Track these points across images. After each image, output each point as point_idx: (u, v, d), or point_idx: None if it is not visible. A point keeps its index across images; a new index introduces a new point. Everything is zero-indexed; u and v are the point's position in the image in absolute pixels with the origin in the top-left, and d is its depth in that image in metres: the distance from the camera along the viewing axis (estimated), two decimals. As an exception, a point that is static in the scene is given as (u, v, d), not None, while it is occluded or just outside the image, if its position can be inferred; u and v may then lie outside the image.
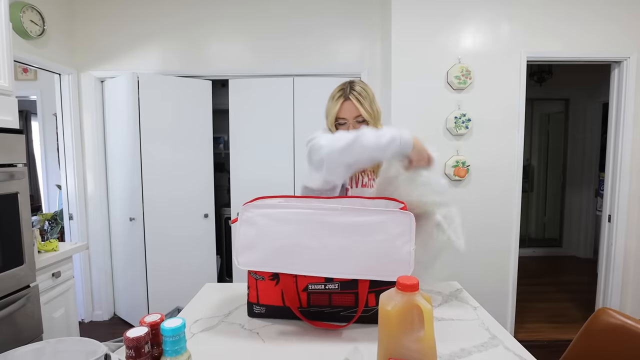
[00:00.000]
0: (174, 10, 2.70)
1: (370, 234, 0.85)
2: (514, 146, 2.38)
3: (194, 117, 2.78)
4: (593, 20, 2.32)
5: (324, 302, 0.90)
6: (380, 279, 0.85)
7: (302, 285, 0.89)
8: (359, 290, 0.88)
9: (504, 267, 2.43)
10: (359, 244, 0.85)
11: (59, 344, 0.70)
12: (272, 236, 0.88)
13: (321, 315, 0.91)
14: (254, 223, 0.89)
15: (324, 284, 0.89)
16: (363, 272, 0.85)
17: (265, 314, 0.95)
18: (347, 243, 0.85)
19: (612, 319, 0.90)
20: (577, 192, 4.51)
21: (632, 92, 2.34)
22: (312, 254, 0.86)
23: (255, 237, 0.88)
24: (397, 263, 0.84)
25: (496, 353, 0.79)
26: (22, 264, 1.51)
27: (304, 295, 0.90)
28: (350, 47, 2.73)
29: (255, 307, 0.96)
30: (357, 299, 0.89)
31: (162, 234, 2.69)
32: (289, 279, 0.89)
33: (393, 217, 0.85)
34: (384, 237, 0.85)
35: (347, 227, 0.86)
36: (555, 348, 2.35)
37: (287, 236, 0.87)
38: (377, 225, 0.85)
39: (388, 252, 0.84)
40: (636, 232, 2.41)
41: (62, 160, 2.78)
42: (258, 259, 0.88)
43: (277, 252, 0.87)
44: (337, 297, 0.90)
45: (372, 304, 0.89)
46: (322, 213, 0.87)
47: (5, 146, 1.45)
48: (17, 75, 3.26)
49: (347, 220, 0.86)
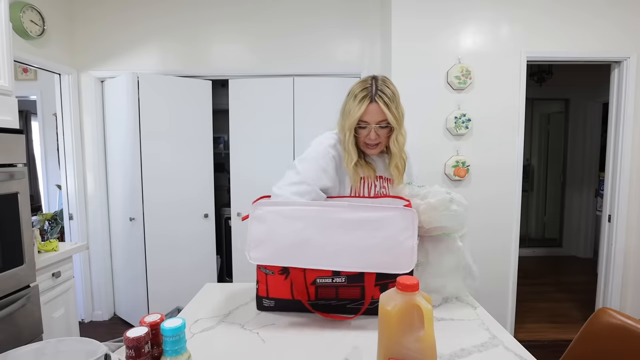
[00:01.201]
0: (173, 10, 2.70)
1: (376, 229, 0.89)
2: (514, 146, 2.38)
3: (194, 117, 2.78)
4: (593, 20, 2.32)
5: (331, 295, 0.94)
6: (385, 271, 0.89)
7: (311, 278, 0.93)
8: (365, 283, 0.92)
9: (504, 267, 2.43)
10: (365, 239, 0.89)
11: (59, 344, 0.70)
12: (281, 232, 0.91)
13: (328, 308, 0.95)
14: (264, 220, 0.92)
15: (331, 277, 0.93)
16: (368, 265, 0.89)
17: (274, 307, 0.99)
18: (353, 238, 0.89)
19: (612, 319, 0.90)
20: (577, 192, 4.51)
21: (632, 92, 2.34)
22: (320, 249, 0.89)
23: (265, 233, 0.92)
24: (400, 257, 0.88)
25: (496, 353, 0.79)
26: (22, 264, 1.51)
27: (312, 289, 0.94)
28: (350, 47, 2.73)
29: (264, 300, 0.99)
30: (362, 291, 0.93)
31: (162, 234, 2.69)
32: (298, 273, 0.92)
33: (397, 213, 0.89)
34: (388, 232, 0.88)
35: (353, 223, 0.90)
36: (555, 348, 2.35)
37: (296, 232, 0.91)
38: (381, 221, 0.89)
39: (392, 246, 0.88)
40: (636, 232, 2.41)
41: (62, 160, 2.78)
42: (268, 254, 0.91)
43: (287, 248, 0.91)
44: (344, 290, 0.94)
45: (377, 297, 0.91)
46: (330, 210, 0.91)
47: (5, 146, 1.45)
48: (17, 75, 3.26)
49: (354, 216, 0.90)
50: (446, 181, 2.38)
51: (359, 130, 1.09)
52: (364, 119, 1.07)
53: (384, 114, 1.05)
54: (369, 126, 1.07)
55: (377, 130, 1.08)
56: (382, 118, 1.06)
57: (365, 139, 1.10)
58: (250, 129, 2.76)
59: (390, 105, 1.05)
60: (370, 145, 1.11)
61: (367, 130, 1.08)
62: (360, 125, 1.08)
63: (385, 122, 1.07)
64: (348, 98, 1.11)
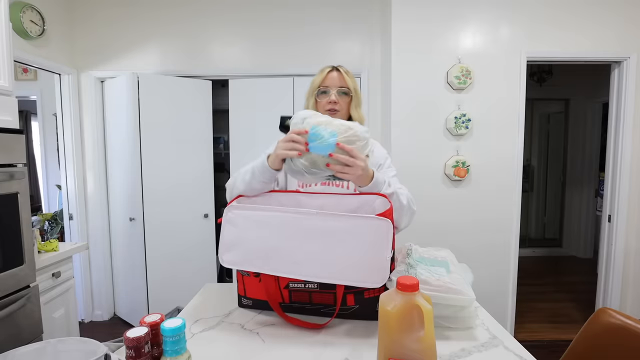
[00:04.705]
0: (174, 10, 2.70)
1: (345, 239, 0.84)
2: (514, 146, 2.38)
3: (194, 117, 2.78)
4: (593, 20, 2.32)
5: (305, 300, 0.94)
6: (353, 284, 0.84)
7: (284, 283, 0.93)
8: (336, 290, 0.89)
9: (504, 267, 2.43)
10: (334, 249, 0.84)
11: (59, 344, 0.70)
12: (251, 237, 0.90)
13: (303, 311, 0.95)
14: (235, 224, 0.91)
15: (303, 283, 0.91)
16: (337, 277, 0.84)
17: (252, 306, 1.01)
18: (322, 247, 0.85)
19: (612, 319, 0.90)
20: (577, 192, 4.51)
21: (632, 92, 2.34)
22: (288, 257, 0.86)
23: (236, 237, 0.91)
24: (371, 270, 0.83)
25: (496, 353, 0.79)
26: (22, 264, 1.51)
27: (285, 292, 0.94)
28: (350, 47, 2.73)
29: (243, 299, 1.02)
30: (335, 298, 0.90)
31: (162, 234, 2.69)
32: (269, 277, 0.92)
33: (369, 222, 0.83)
34: (358, 243, 0.83)
35: (323, 232, 0.85)
36: (555, 348, 2.35)
37: (264, 238, 0.88)
38: (352, 231, 0.83)
39: (362, 258, 0.83)
40: (636, 232, 2.41)
41: (62, 160, 2.78)
42: (239, 258, 0.91)
43: (256, 253, 0.89)
44: (317, 296, 0.92)
45: (351, 303, 0.91)
46: (300, 217, 0.86)
47: (5, 146, 1.45)
48: (17, 75, 3.26)
49: (324, 224, 0.85)
50: (446, 181, 2.39)
51: (321, 96, 1.14)
52: (325, 84, 1.14)
53: (344, 80, 1.14)
54: (329, 91, 1.13)
55: (338, 96, 1.13)
56: (342, 84, 1.14)
57: (327, 104, 1.13)
58: (251, 129, 2.76)
59: (349, 74, 1.15)
60: (331, 110, 1.13)
61: (327, 96, 1.13)
62: (321, 90, 1.14)
63: (346, 87, 1.14)
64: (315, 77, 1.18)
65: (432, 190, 2.38)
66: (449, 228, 2.39)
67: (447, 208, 2.39)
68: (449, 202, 2.39)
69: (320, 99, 1.14)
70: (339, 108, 1.13)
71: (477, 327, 0.90)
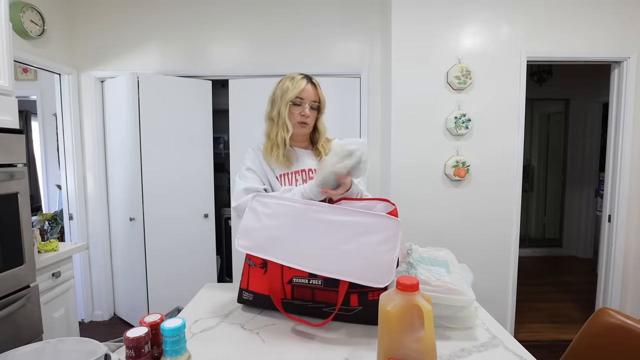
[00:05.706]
0: (174, 10, 2.70)
1: (354, 235, 0.86)
2: (514, 146, 2.38)
3: (194, 117, 2.78)
4: (593, 20, 2.32)
5: (308, 297, 0.93)
6: (358, 282, 0.84)
7: (287, 277, 0.93)
8: (339, 288, 0.89)
9: (504, 267, 2.43)
10: (343, 244, 0.86)
11: (59, 344, 0.70)
12: (266, 225, 0.94)
13: (304, 309, 0.94)
14: (256, 211, 0.97)
15: (307, 278, 0.92)
16: (343, 272, 0.85)
17: (252, 301, 1.00)
18: (331, 241, 0.87)
19: (612, 319, 0.90)
20: (577, 192, 4.51)
21: (632, 92, 2.34)
22: (296, 247, 0.89)
23: (254, 223, 0.95)
24: (377, 269, 0.83)
25: (496, 353, 0.79)
26: (22, 264, 1.51)
27: (288, 287, 0.94)
28: (350, 47, 2.73)
29: (244, 292, 1.01)
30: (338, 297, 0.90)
31: (162, 234, 2.69)
32: (275, 270, 0.93)
33: (378, 220, 0.87)
34: (367, 240, 0.85)
35: (334, 225, 0.89)
36: (555, 348, 2.35)
37: (276, 227, 0.93)
38: (361, 227, 0.86)
39: (369, 256, 0.84)
40: (636, 232, 2.41)
41: (62, 160, 2.78)
42: (251, 244, 0.94)
43: (267, 240, 0.92)
44: (320, 293, 0.92)
45: (354, 304, 0.90)
46: (313, 209, 0.92)
47: (5, 146, 1.45)
48: (17, 75, 3.26)
49: (335, 218, 0.89)
50: (446, 181, 2.38)
51: (293, 107, 1.17)
52: (301, 96, 1.16)
53: (317, 96, 1.19)
54: (303, 103, 1.16)
55: (310, 111, 1.17)
56: (315, 98, 1.18)
57: (300, 116, 1.17)
58: (251, 129, 2.76)
59: (319, 86, 1.20)
60: (302, 123, 1.18)
61: (301, 108, 1.17)
62: (295, 102, 1.16)
63: (317, 103, 1.19)
64: (282, 82, 1.20)
65: (432, 190, 2.38)
66: (448, 228, 2.39)
67: (447, 208, 2.39)
68: (449, 202, 2.39)
69: (294, 110, 1.17)
70: (309, 122, 1.19)
71: (477, 327, 0.90)
